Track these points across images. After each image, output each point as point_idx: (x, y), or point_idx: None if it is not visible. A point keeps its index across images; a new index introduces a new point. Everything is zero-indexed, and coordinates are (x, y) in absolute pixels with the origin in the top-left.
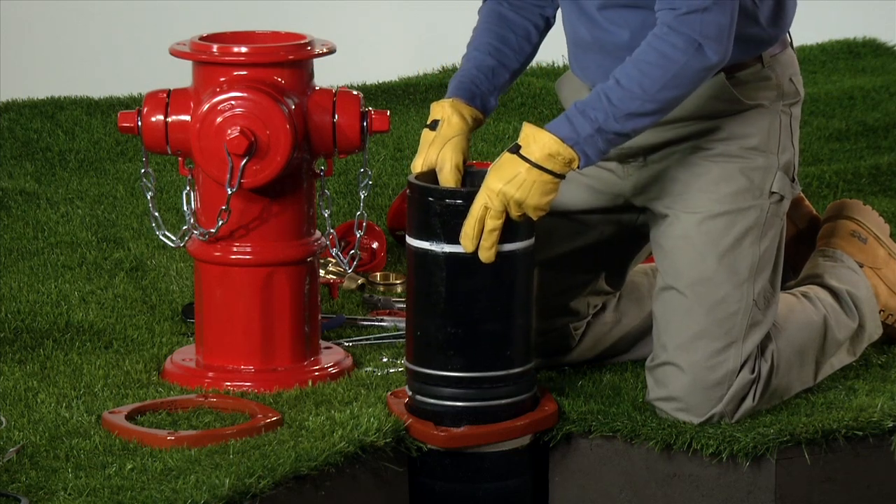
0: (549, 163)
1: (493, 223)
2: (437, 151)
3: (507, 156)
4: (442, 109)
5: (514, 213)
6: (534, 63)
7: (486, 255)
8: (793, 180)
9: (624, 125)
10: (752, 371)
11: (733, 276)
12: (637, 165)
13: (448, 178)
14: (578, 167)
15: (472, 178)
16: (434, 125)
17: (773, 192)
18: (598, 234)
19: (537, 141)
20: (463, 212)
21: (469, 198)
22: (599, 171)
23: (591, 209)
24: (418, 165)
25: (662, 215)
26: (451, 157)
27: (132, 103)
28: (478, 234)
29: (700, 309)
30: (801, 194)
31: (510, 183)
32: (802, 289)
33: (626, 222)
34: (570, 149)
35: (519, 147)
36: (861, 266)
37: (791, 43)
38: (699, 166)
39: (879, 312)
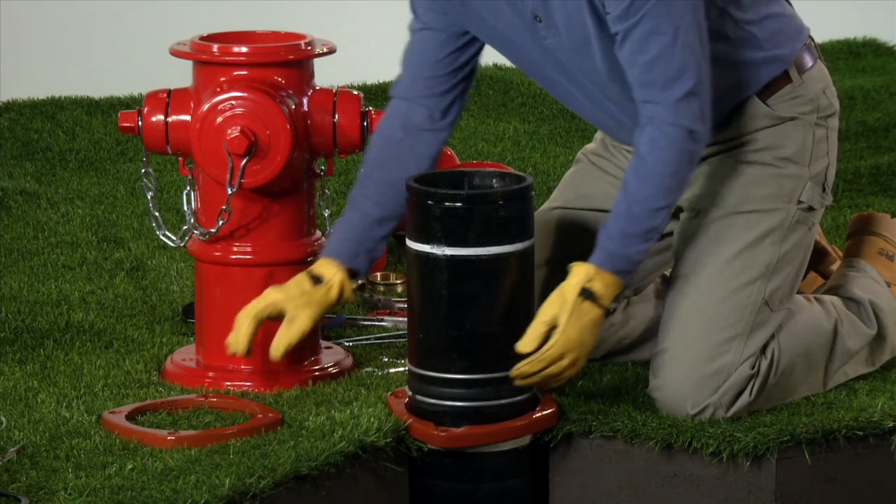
0: (611, 301)
1: (559, 373)
2: (301, 307)
3: (587, 305)
4: (332, 275)
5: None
6: None
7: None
8: (824, 190)
9: (655, 229)
10: (752, 367)
11: (747, 272)
12: None
13: (285, 337)
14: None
15: (469, 178)
16: (317, 280)
17: (802, 202)
18: None
19: (608, 283)
20: (463, 214)
21: (469, 200)
22: None
23: None
24: (269, 297)
25: (689, 209)
26: (305, 320)
27: (132, 103)
28: (536, 367)
29: (709, 299)
30: None
31: (592, 332)
32: (816, 294)
33: None
34: (622, 281)
35: (593, 294)
36: (889, 285)
37: (820, 56)
38: (731, 168)
39: None
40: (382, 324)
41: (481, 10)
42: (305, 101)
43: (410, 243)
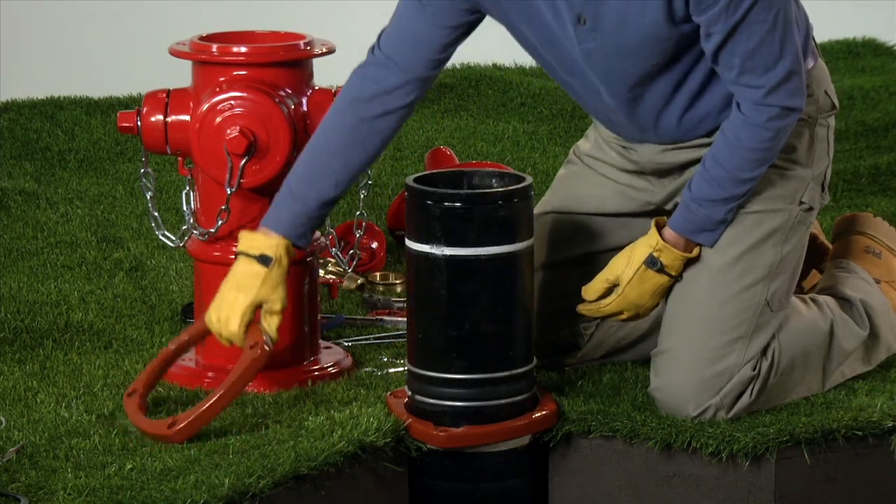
0: (681, 268)
1: (620, 320)
2: (270, 293)
3: (649, 273)
4: (275, 248)
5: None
6: (534, 63)
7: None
8: (823, 189)
9: (739, 198)
10: (754, 368)
11: (750, 274)
12: (673, 178)
13: (273, 323)
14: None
15: (469, 178)
16: (265, 261)
17: (803, 202)
18: (618, 239)
19: (676, 257)
20: (463, 214)
21: (469, 200)
22: (634, 178)
23: (619, 213)
24: (243, 304)
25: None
26: (281, 300)
27: (132, 103)
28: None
29: (712, 301)
30: None
31: (653, 296)
32: (811, 294)
33: (650, 226)
34: (697, 248)
35: (659, 264)
36: (878, 282)
37: (819, 54)
38: None
39: None
40: (382, 324)
41: (511, 13)
42: (305, 100)
43: (410, 243)
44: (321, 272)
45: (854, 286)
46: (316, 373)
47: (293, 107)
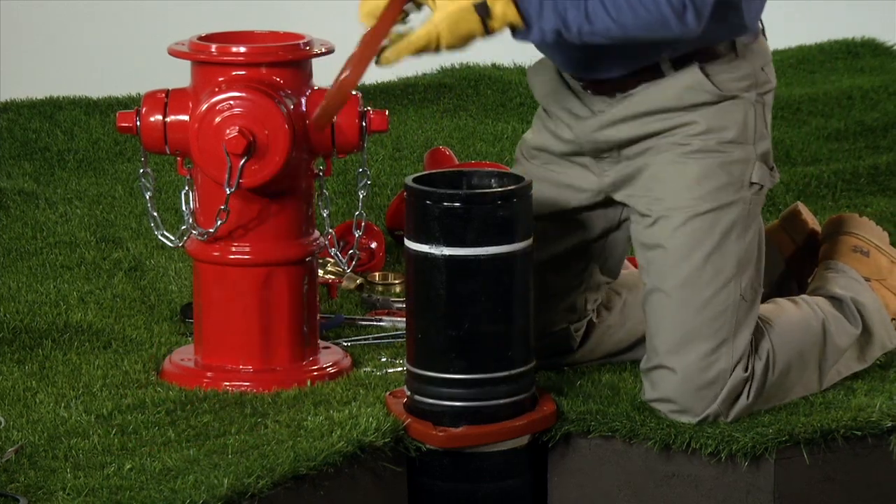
0: (499, 30)
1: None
2: None
3: (473, 16)
4: None
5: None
6: (533, 63)
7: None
8: (771, 168)
9: (580, 38)
10: (746, 369)
11: (720, 274)
12: (611, 161)
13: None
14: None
15: (468, 178)
16: None
17: (753, 183)
18: (586, 232)
19: (507, 17)
20: (462, 214)
21: (468, 200)
22: (577, 169)
23: (576, 208)
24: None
25: (644, 214)
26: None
27: (131, 103)
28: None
29: (688, 310)
30: (800, 206)
31: (459, 41)
32: (801, 296)
33: (612, 216)
34: (524, 26)
35: (489, 12)
36: (868, 280)
37: (763, 31)
38: (678, 163)
39: (893, 321)
40: (381, 324)
41: None
42: (304, 101)
43: (409, 243)
44: (320, 272)
45: (844, 285)
46: (315, 373)
47: (292, 107)
